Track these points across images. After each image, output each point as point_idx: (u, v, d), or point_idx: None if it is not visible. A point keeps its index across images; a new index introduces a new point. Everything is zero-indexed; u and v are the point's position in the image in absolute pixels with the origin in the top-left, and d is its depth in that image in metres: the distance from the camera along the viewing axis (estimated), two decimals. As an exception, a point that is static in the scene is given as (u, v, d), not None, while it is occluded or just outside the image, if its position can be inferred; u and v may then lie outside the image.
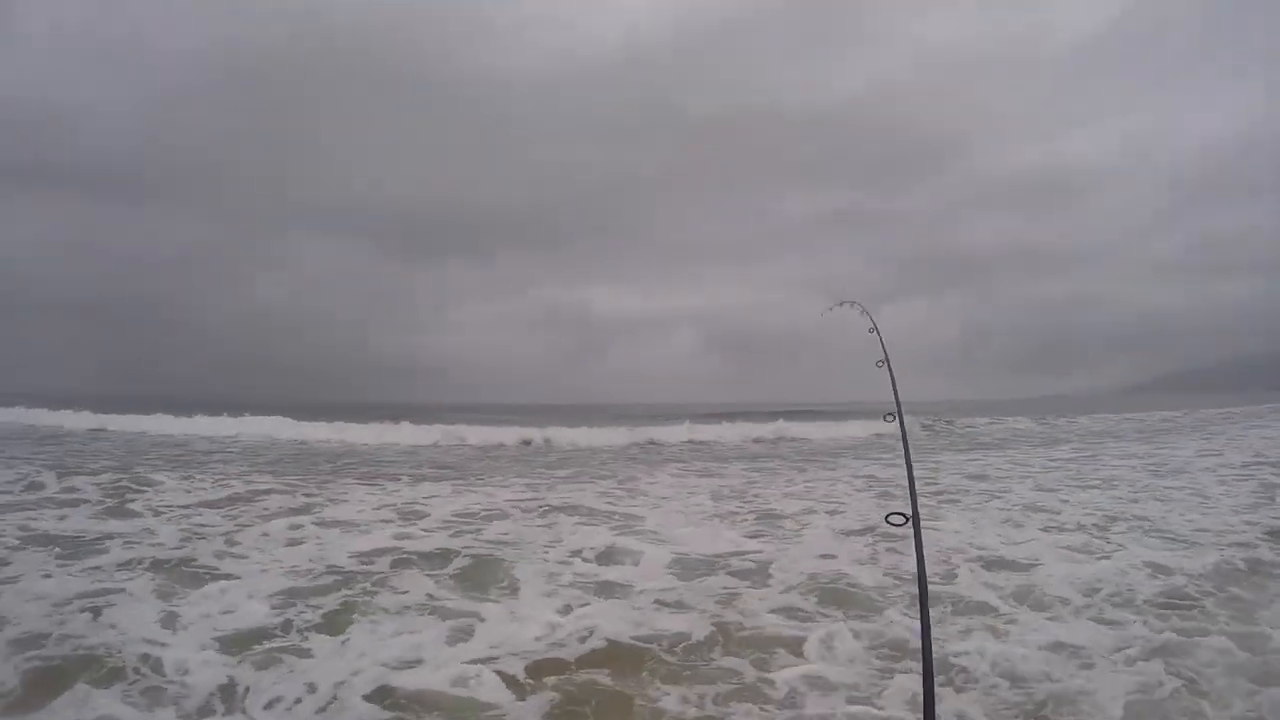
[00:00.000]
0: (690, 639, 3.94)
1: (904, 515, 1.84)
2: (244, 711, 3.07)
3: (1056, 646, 3.74)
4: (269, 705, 3.11)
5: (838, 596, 4.62)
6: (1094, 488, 9.07)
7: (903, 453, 2.32)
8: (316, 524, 6.77)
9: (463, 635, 3.96)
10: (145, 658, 3.49)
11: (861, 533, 6.43)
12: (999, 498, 8.48)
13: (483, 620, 4.19)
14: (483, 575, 5.12)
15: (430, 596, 4.61)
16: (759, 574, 5.19)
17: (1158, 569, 5.05)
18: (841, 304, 3.45)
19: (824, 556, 5.61)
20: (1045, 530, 6.51)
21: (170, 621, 4.02)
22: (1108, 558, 5.41)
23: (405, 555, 5.61)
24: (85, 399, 26.41)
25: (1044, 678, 3.38)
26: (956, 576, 5.01)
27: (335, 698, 3.18)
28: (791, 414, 24.69)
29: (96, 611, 4.12)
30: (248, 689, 3.23)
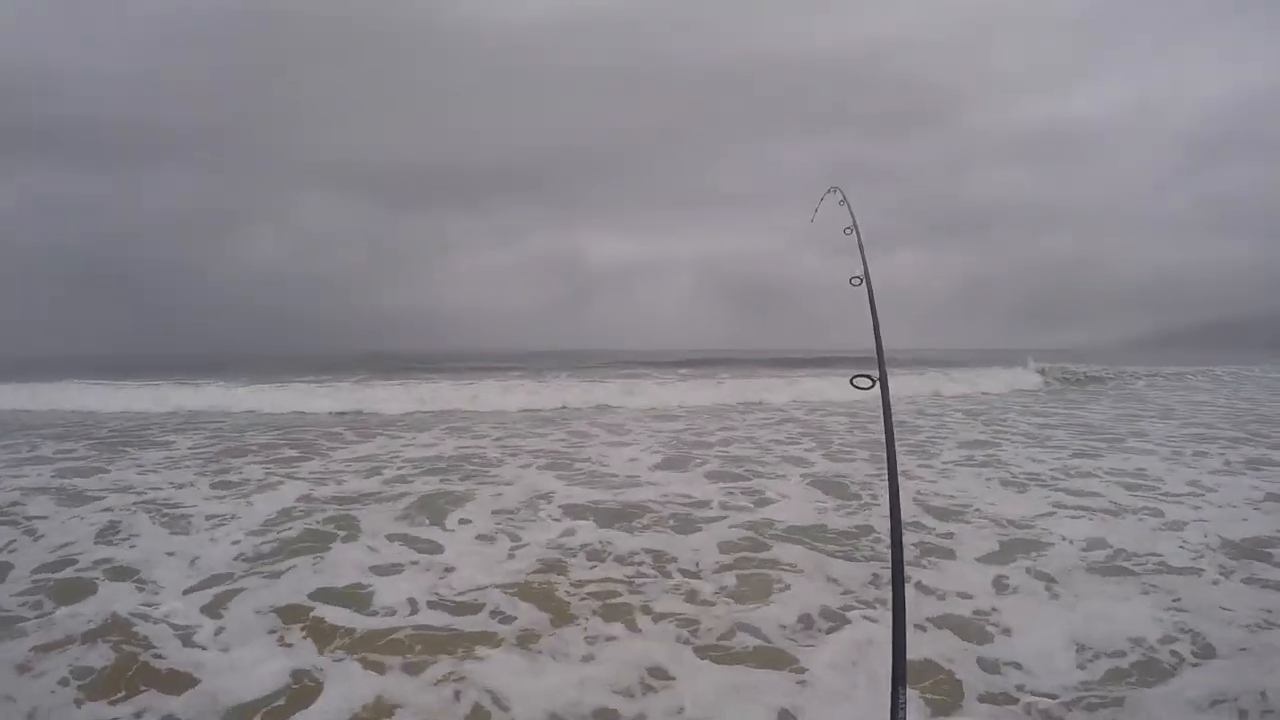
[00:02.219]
0: (634, 565, 4.24)
1: (870, 378, 1.80)
2: (222, 624, 3.40)
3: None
4: (219, 632, 3.38)
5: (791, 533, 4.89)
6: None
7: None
8: (292, 475, 7.03)
9: (407, 566, 4.25)
10: (124, 597, 3.79)
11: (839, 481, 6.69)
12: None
13: (428, 552, 4.49)
14: (438, 513, 5.41)
15: (388, 533, 4.89)
16: (706, 514, 5.45)
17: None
18: (827, 193, 2.83)
19: (771, 500, 5.87)
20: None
21: (150, 563, 4.31)
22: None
23: (369, 496, 5.96)
24: (74, 367, 26.07)
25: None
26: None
27: (279, 620, 3.46)
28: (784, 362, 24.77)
29: (80, 560, 4.42)
30: (208, 619, 3.49)
